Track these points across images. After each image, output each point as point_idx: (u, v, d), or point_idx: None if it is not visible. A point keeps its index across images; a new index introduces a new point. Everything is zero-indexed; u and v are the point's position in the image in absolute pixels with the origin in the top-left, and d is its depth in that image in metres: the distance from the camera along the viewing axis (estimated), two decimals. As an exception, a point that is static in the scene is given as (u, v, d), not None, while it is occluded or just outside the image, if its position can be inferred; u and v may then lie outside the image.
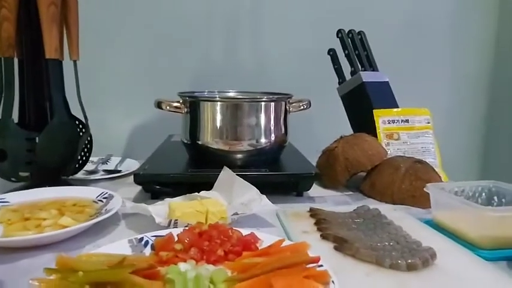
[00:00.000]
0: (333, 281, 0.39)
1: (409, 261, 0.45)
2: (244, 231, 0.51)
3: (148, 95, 0.89)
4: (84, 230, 0.56)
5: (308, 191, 0.79)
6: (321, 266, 0.41)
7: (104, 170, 0.94)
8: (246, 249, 0.47)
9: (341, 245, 0.51)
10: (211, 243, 0.47)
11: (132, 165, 0.96)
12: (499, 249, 0.51)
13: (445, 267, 0.46)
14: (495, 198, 0.62)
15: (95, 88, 1.12)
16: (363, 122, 0.96)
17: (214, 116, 0.76)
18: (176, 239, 0.48)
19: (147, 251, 0.48)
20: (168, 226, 0.56)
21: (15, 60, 0.72)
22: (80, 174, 0.87)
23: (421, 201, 0.71)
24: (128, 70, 1.21)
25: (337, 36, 1.03)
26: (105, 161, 1.02)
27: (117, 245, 0.48)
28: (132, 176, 0.73)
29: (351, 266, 0.47)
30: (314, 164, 0.84)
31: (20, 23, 0.71)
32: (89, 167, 0.93)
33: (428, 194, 0.62)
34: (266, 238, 0.50)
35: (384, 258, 0.46)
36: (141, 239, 0.50)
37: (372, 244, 0.50)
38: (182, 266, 0.40)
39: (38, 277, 0.36)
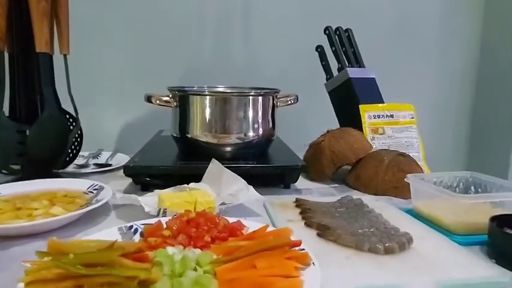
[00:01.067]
0: (313, 263, 0.41)
1: (387, 245, 0.48)
2: (231, 220, 0.52)
3: (139, 90, 0.90)
4: (74, 219, 0.57)
5: (295, 183, 0.81)
6: (303, 249, 0.43)
7: (95, 164, 0.95)
8: (232, 235, 0.49)
9: (324, 231, 0.53)
10: (198, 229, 0.49)
11: (122, 159, 0.97)
12: (472, 235, 0.53)
13: (421, 251, 0.49)
14: (472, 188, 0.65)
15: (85, 84, 1.13)
16: (349, 117, 0.98)
17: (203, 110, 0.78)
18: (165, 226, 0.50)
19: (137, 237, 0.50)
20: (157, 215, 0.58)
21: (6, 55, 0.73)
22: (70, 168, 0.88)
23: (403, 192, 0.74)
24: (119, 66, 1.22)
25: (325, 33, 1.05)
26: (95, 156, 1.03)
27: (107, 232, 0.50)
28: (122, 170, 0.74)
29: (333, 251, 0.49)
30: (301, 157, 0.86)
31: (11, 18, 0.71)
32: (79, 161, 0.94)
33: (410, 188, 0.64)
34: (252, 225, 0.51)
35: (363, 243, 0.49)
36: (131, 226, 0.52)
37: (352, 230, 0.52)
38: (170, 250, 0.42)
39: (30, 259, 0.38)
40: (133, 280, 0.35)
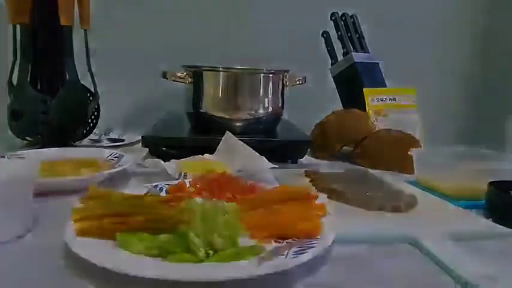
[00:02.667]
0: (329, 213, 0.45)
1: (393, 204, 0.52)
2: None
3: (147, 73, 0.92)
4: (103, 179, 0.60)
5: (302, 160, 0.85)
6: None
7: (108, 139, 0.99)
8: (251, 193, 0.53)
9: (333, 194, 0.57)
10: (220, 187, 0.53)
11: (133, 136, 1.00)
12: (470, 200, 0.58)
13: (425, 211, 0.53)
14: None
15: (94, 64, 1.16)
16: (353, 100, 1.02)
17: (216, 86, 0.82)
18: (188, 185, 0.54)
19: (163, 194, 0.54)
20: (178, 178, 0.61)
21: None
22: (84, 143, 0.91)
23: (407, 168, 0.78)
24: (128, 47, 1.24)
25: (331, 19, 1.09)
26: (107, 132, 1.05)
27: (135, 189, 0.53)
28: (135, 145, 0.77)
29: (344, 210, 0.53)
30: (307, 137, 0.90)
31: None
32: (92, 137, 0.97)
33: (413, 163, 0.68)
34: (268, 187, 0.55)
35: (371, 202, 0.53)
36: (156, 185, 0.56)
37: (361, 193, 0.57)
38: (198, 200, 0.46)
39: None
40: (171, 218, 0.39)
